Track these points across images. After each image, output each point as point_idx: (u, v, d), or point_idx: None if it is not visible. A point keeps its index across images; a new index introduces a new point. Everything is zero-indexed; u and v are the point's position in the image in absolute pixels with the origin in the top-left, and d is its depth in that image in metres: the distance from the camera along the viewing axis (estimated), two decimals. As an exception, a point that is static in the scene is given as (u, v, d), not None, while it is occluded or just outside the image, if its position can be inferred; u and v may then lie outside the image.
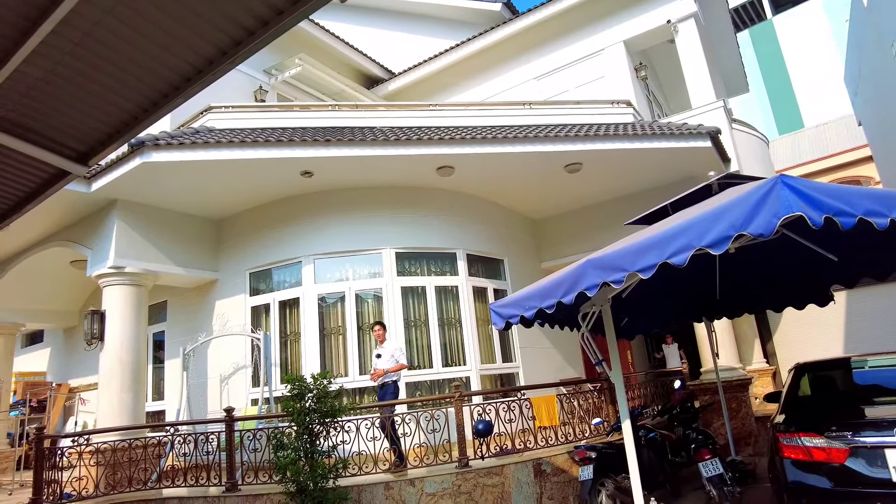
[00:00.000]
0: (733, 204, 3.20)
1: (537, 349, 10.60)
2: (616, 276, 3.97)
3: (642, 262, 3.72)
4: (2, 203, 4.30)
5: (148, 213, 9.09)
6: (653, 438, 7.17)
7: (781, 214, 2.94)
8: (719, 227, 3.19)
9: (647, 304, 7.33)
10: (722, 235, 3.17)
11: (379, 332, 7.81)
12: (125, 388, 8.41)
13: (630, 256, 3.87)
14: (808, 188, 2.99)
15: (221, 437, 7.00)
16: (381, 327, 7.85)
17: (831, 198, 2.97)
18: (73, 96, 3.25)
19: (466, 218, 10.02)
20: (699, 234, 3.32)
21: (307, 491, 5.80)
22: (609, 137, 8.57)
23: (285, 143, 7.88)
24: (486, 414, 7.21)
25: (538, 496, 6.85)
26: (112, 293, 8.78)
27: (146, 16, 2.63)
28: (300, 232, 9.27)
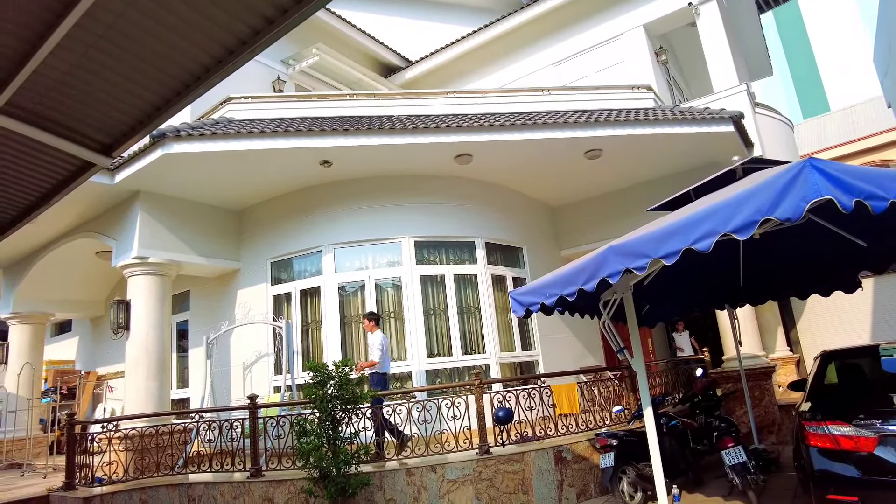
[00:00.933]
0: (760, 188, 3.13)
1: (557, 337, 10.57)
2: (639, 262, 3.93)
3: (666, 249, 3.68)
4: (30, 195, 4.39)
5: (170, 204, 9.22)
6: (674, 426, 7.13)
7: (810, 198, 2.87)
8: (745, 212, 3.13)
9: (668, 291, 7.26)
10: (748, 220, 3.11)
11: (368, 325, 7.82)
12: (151, 376, 8.59)
13: (653, 242, 3.82)
14: (838, 171, 2.91)
15: (245, 424, 7.12)
16: (368, 318, 7.83)
17: (862, 181, 2.89)
18: (97, 88, 3.29)
19: (485, 206, 9.98)
20: (724, 219, 3.26)
21: (330, 476, 5.88)
22: (629, 123, 8.45)
23: (304, 132, 7.91)
24: (507, 401, 7.22)
25: (559, 483, 6.86)
26: (136, 283, 8.95)
27: (167, 7, 2.64)
28: (320, 221, 9.33)
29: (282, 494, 6.55)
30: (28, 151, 3.72)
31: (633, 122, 8.44)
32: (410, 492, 6.44)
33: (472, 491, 6.51)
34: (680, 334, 11.47)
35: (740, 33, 14.16)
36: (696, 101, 10.67)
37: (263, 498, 6.63)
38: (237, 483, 6.79)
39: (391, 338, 8.95)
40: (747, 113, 9.76)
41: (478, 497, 6.51)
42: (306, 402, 6.49)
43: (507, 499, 6.59)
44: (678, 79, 14.60)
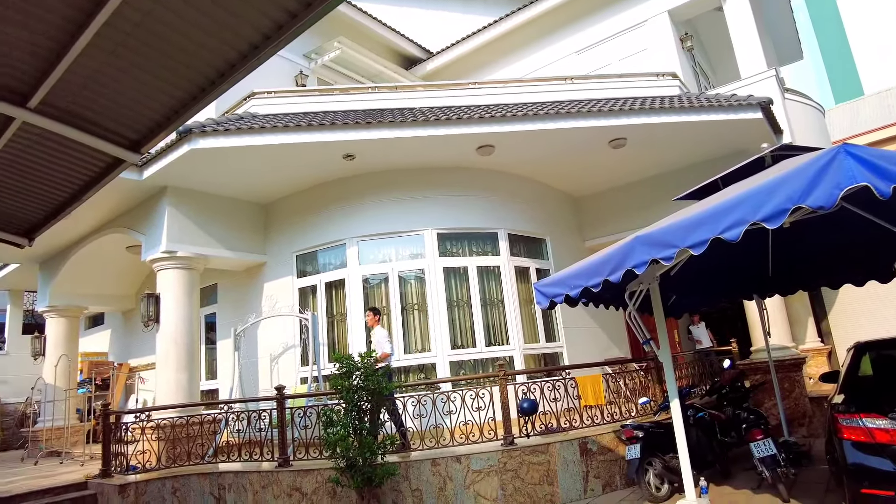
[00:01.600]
0: (791, 175, 3.06)
1: (582, 328, 10.51)
2: (666, 252, 3.88)
3: (693, 238, 3.62)
4: (64, 192, 4.49)
5: (197, 199, 9.37)
6: (701, 418, 7.05)
7: (844, 185, 2.79)
8: (776, 200, 3.06)
9: (695, 282, 7.15)
10: (778, 209, 3.04)
11: (369, 318, 7.90)
12: (181, 367, 8.78)
13: (681, 232, 3.77)
14: (874, 157, 2.82)
15: (273, 415, 7.24)
16: (371, 313, 7.90)
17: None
18: (125, 86, 3.35)
19: (508, 197, 9.94)
20: (754, 207, 3.19)
21: (356, 466, 5.95)
22: (654, 111, 8.32)
23: (327, 126, 7.96)
24: (531, 393, 7.22)
25: (584, 474, 6.85)
26: (165, 277, 9.14)
27: (193, 4, 2.67)
28: (343, 214, 9.40)
29: (309, 484, 6.66)
30: (61, 149, 3.80)
31: (658, 109, 8.30)
32: (436, 482, 6.49)
33: (497, 481, 6.53)
34: (696, 326, 11.31)
35: (769, 16, 13.79)
36: (722, 88, 10.43)
37: (291, 487, 6.75)
38: (265, 472, 6.92)
39: (416, 329, 9.01)
40: (776, 99, 9.52)
41: (503, 488, 6.53)
42: (333, 393, 6.56)
43: (533, 490, 6.60)
44: (704, 66, 14.30)
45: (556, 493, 6.67)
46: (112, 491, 6.95)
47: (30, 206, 4.71)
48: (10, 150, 3.89)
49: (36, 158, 4.03)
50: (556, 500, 6.64)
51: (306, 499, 6.66)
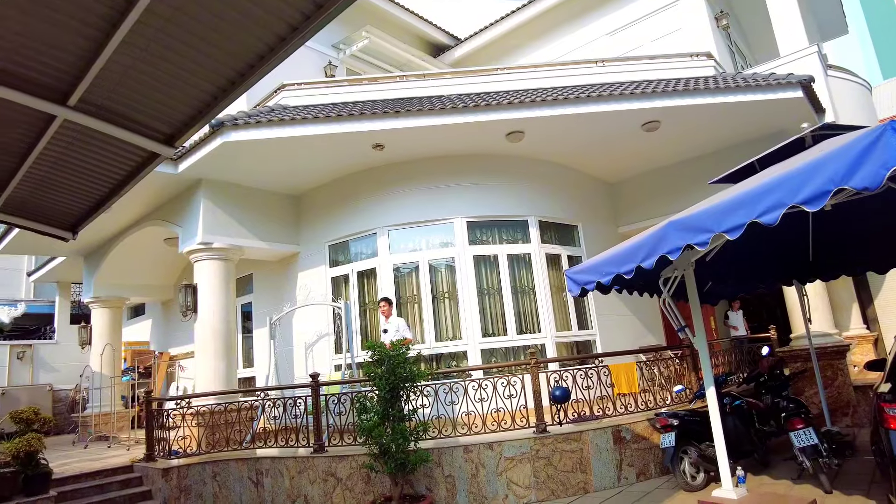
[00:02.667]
0: (833, 155, 2.93)
1: (615, 316, 10.38)
2: (701, 237, 3.79)
3: (730, 222, 3.52)
4: (104, 186, 4.62)
5: (232, 191, 9.55)
6: (738, 406, 6.91)
7: (891, 165, 2.66)
8: (816, 182, 2.94)
9: (731, 267, 6.98)
10: (819, 190, 2.92)
11: (384, 308, 8.19)
12: (218, 355, 9.02)
13: (716, 216, 3.67)
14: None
15: (308, 402, 7.38)
16: (387, 303, 8.21)
17: None
18: (159, 81, 3.42)
19: (538, 184, 9.84)
20: (792, 189, 3.08)
21: (390, 453, 6.03)
22: (688, 92, 8.09)
23: (356, 116, 8.00)
24: (563, 381, 7.18)
25: (618, 462, 6.79)
26: (202, 268, 9.36)
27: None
28: (374, 204, 9.46)
29: (344, 469, 6.78)
30: (100, 145, 3.91)
31: (693, 91, 8.07)
32: (468, 468, 6.53)
33: (530, 469, 6.54)
34: (735, 313, 11.05)
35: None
36: (761, 67, 10.06)
37: (327, 472, 6.88)
38: (301, 458, 7.07)
39: (446, 317, 9.04)
40: (818, 76, 9.15)
41: (535, 475, 6.53)
42: (366, 380, 6.65)
43: (565, 477, 6.59)
44: (741, 45, 13.81)
45: (590, 481, 6.64)
46: (156, 474, 7.21)
47: (72, 201, 4.87)
48: (53, 148, 4.02)
49: (77, 155, 4.16)
50: (589, 488, 6.62)
51: (341, 484, 6.79)
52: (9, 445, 6.51)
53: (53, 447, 11.12)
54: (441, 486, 6.54)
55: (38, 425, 6.99)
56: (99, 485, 7.17)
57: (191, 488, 7.29)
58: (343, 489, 6.76)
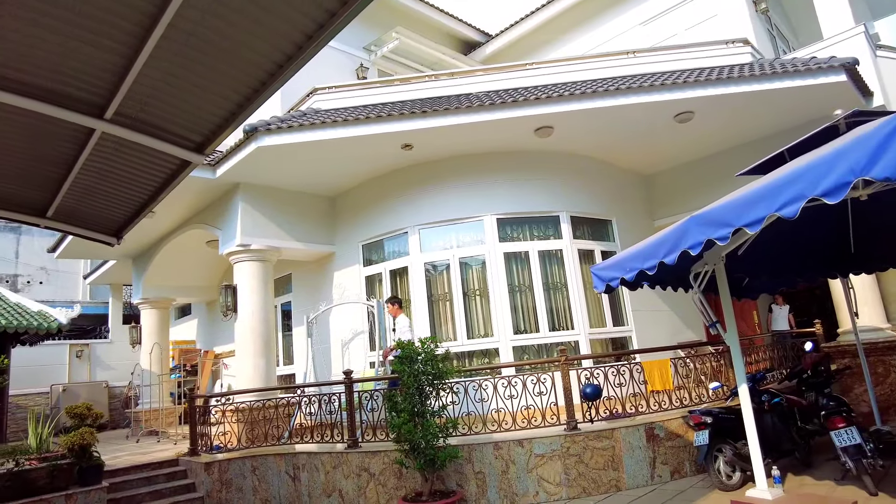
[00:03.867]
0: (854, 144, 2.82)
1: (651, 312, 10.19)
2: (722, 232, 3.70)
3: (750, 216, 3.43)
4: (143, 193, 4.85)
5: (268, 194, 9.83)
6: (777, 403, 6.69)
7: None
8: (836, 173, 2.84)
9: (770, 261, 6.76)
10: (839, 182, 2.82)
11: (392, 308, 8.31)
12: (258, 353, 9.31)
13: (737, 210, 3.58)
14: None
15: (342, 398, 7.54)
16: (393, 303, 8.33)
17: None
18: (185, 92, 3.57)
19: (570, 178, 9.74)
20: (812, 181, 2.98)
21: (419, 449, 6.12)
22: (721, 81, 7.86)
23: (384, 118, 8.11)
24: (594, 378, 7.11)
25: (651, 460, 6.70)
26: (241, 269, 9.68)
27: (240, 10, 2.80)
28: (405, 203, 9.57)
29: (377, 465, 6.91)
30: (137, 155, 4.11)
31: (726, 80, 7.84)
32: (498, 465, 6.56)
33: (561, 466, 6.52)
34: (780, 307, 10.65)
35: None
36: (803, 51, 9.66)
37: (360, 468, 7.03)
38: (336, 453, 7.24)
39: (477, 315, 9.07)
40: (865, 58, 8.73)
41: (566, 472, 6.51)
42: (395, 378, 6.75)
43: (597, 475, 6.54)
44: (783, 28, 13.29)
45: (622, 479, 6.57)
46: (199, 468, 7.52)
47: (115, 208, 5.14)
48: (95, 159, 4.26)
49: (117, 165, 4.39)
50: (621, 486, 6.55)
51: (374, 479, 6.92)
52: (64, 439, 6.92)
53: (109, 441, 11.72)
54: (472, 483, 6.59)
55: (91, 420, 7.40)
56: (147, 477, 7.53)
57: (231, 482, 7.57)
58: (376, 484, 6.90)
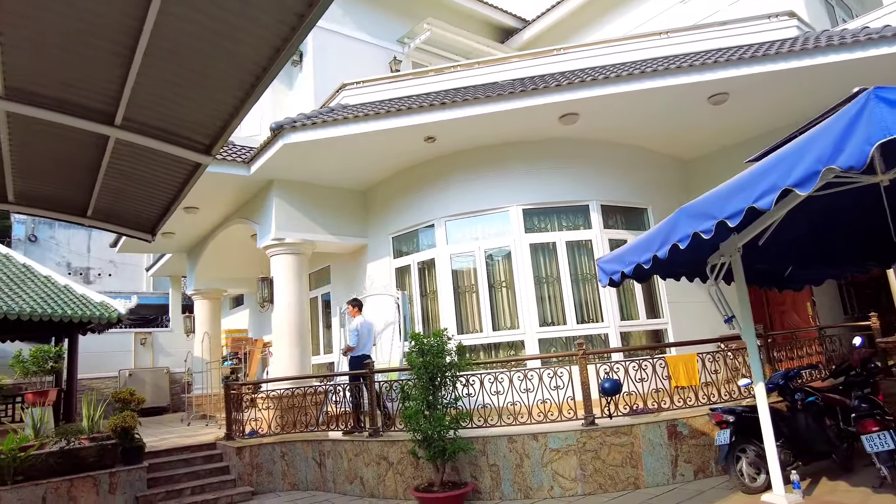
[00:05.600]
0: (821, 132, 2.60)
1: (690, 304, 9.75)
2: (706, 225, 3.52)
3: (730, 208, 3.24)
4: (167, 193, 5.13)
5: (301, 189, 10.11)
6: (812, 403, 6.27)
7: (875, 140, 2.31)
8: (805, 163, 2.63)
9: (814, 250, 6.35)
10: (808, 172, 2.61)
11: (351, 310, 8.93)
12: (293, 343, 9.65)
13: (719, 202, 3.39)
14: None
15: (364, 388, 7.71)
16: (353, 306, 8.95)
17: None
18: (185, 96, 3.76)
19: (600, 166, 9.44)
20: (785, 171, 2.77)
21: (430, 440, 6.18)
22: (756, 59, 7.37)
23: (403, 111, 8.15)
24: (614, 372, 6.93)
25: (673, 458, 6.47)
26: (277, 262, 10.03)
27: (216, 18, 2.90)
28: (431, 195, 9.60)
29: (395, 454, 7.04)
30: (153, 157, 4.35)
31: (761, 57, 7.35)
32: (513, 458, 6.53)
33: (576, 461, 6.41)
34: None
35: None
36: (860, 20, 8.90)
37: (379, 456, 7.18)
38: (358, 442, 7.43)
39: (503, 306, 9.01)
40: (928, 26, 7.94)
41: (582, 468, 6.40)
42: (407, 369, 6.84)
43: (614, 471, 6.39)
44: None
45: (641, 476, 6.39)
46: (232, 452, 7.92)
47: (145, 208, 5.47)
48: (116, 163, 4.55)
49: (137, 167, 4.67)
50: (640, 483, 6.37)
51: (392, 468, 7.06)
52: (109, 422, 7.46)
53: (164, 424, 12.53)
54: (486, 475, 6.60)
55: (134, 405, 7.93)
56: (185, 458, 8.00)
57: (262, 466, 7.92)
58: (394, 473, 7.03)
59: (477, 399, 6.94)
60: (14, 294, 10.20)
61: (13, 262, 11.33)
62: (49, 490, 6.71)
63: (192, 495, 7.31)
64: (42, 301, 10.40)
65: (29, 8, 2.74)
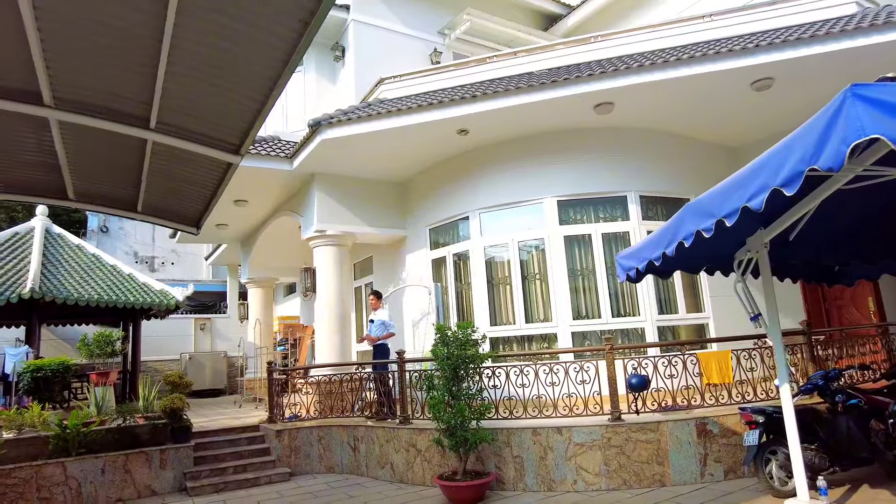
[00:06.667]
0: (806, 129, 2.48)
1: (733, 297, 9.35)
2: (707, 223, 3.42)
3: (728, 207, 3.14)
4: (205, 190, 5.46)
5: (342, 182, 10.39)
6: (855, 405, 5.95)
7: (850, 141, 2.18)
8: (790, 162, 2.52)
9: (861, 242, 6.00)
10: (793, 172, 2.50)
11: (373, 302, 9.10)
12: (333, 331, 10.00)
13: (718, 200, 3.29)
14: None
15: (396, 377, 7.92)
16: (375, 297, 9.13)
17: None
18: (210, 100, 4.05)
19: (639, 155, 9.18)
20: (774, 171, 2.66)
21: (454, 430, 6.31)
22: (803, 41, 6.95)
23: (434, 104, 8.22)
24: (642, 368, 6.81)
25: (702, 457, 6.32)
26: (319, 252, 10.39)
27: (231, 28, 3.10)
28: (466, 187, 9.65)
29: (423, 442, 7.22)
30: (189, 157, 4.66)
31: (808, 39, 6.92)
32: (536, 451, 6.56)
33: (601, 456, 6.38)
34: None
35: None
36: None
37: (409, 443, 7.38)
38: (389, 428, 7.66)
39: (537, 299, 8.98)
40: None
41: (606, 463, 6.36)
42: (430, 359, 6.97)
43: (640, 468, 6.31)
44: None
45: (667, 474, 6.28)
46: (272, 434, 8.34)
47: (187, 204, 5.87)
48: (157, 163, 4.92)
49: (175, 167, 5.03)
50: (666, 481, 6.27)
51: (420, 455, 7.24)
52: (160, 403, 8.02)
53: (218, 405, 13.28)
54: (510, 466, 6.66)
55: (182, 387, 8.48)
56: (231, 439, 8.49)
57: (300, 448, 8.30)
58: (422, 460, 7.21)
59: (503, 391, 7.00)
60: (84, 282, 11.06)
61: (84, 252, 12.25)
62: (107, 462, 7.32)
63: (234, 474, 7.77)
64: (108, 289, 11.22)
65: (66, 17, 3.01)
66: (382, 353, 8.52)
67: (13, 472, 6.86)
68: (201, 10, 3.02)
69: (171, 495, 7.43)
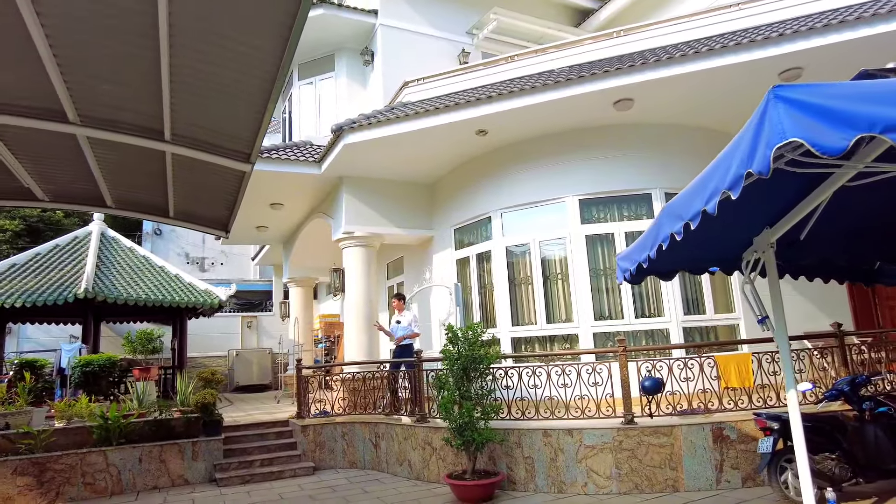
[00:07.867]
0: (745, 130, 2.40)
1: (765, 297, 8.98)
2: (678, 225, 3.33)
3: (693, 209, 3.06)
4: (228, 197, 5.78)
5: (368, 185, 10.62)
6: (884, 413, 5.64)
7: (773, 144, 2.09)
8: (734, 166, 2.44)
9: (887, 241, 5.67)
10: (735, 176, 2.42)
11: (397, 304, 9.29)
12: (360, 330, 10.24)
13: (686, 202, 3.21)
14: (821, 96, 2.04)
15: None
16: (398, 299, 9.33)
17: (869, 102, 1.96)
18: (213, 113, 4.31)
19: (664, 151, 8.91)
20: (724, 172, 2.59)
21: (462, 429, 6.37)
22: (831, 28, 6.60)
23: (451, 106, 8.28)
24: (656, 370, 6.65)
25: (718, 463, 6.13)
26: (348, 253, 10.66)
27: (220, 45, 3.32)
28: (488, 188, 9.66)
29: (437, 440, 7.31)
30: (206, 166, 4.97)
31: (837, 25, 6.56)
32: (547, 452, 6.54)
33: (612, 459, 6.29)
34: None
35: None
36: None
37: (424, 441, 7.50)
38: (406, 426, 7.81)
39: (558, 299, 8.90)
40: None
41: (618, 466, 6.27)
42: (440, 359, 7.04)
43: (652, 472, 6.19)
44: None
45: (681, 479, 6.13)
46: (298, 430, 8.65)
47: (214, 208, 6.23)
48: (178, 173, 5.28)
49: (195, 176, 5.36)
50: (679, 486, 6.12)
51: (435, 453, 7.35)
52: (193, 398, 8.47)
53: (260, 400, 13.81)
54: (521, 467, 6.67)
55: (214, 384, 8.91)
56: (260, 434, 8.86)
57: (324, 444, 8.58)
58: (437, 458, 7.32)
59: (515, 392, 7.00)
60: (133, 283, 11.79)
61: (136, 254, 13.05)
62: (144, 452, 7.81)
63: (261, 466, 8.11)
64: (155, 289, 11.91)
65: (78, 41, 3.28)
66: (408, 352, 8.66)
67: (61, 458, 7.43)
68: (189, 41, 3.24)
69: (201, 485, 7.86)
